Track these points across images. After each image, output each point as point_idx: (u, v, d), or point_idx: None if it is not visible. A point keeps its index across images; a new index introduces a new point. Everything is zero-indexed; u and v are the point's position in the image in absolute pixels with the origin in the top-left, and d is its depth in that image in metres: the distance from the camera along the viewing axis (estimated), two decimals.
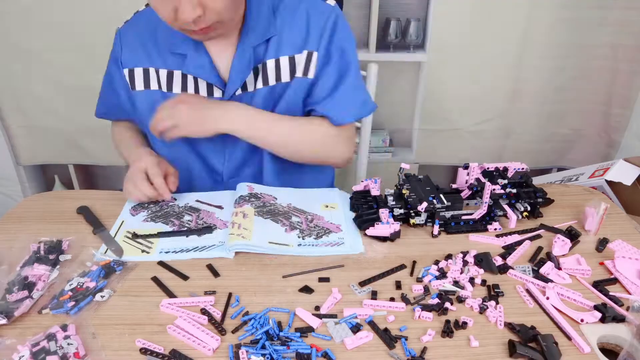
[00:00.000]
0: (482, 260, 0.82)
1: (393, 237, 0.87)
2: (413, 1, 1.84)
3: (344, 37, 0.98)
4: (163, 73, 0.99)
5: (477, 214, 0.89)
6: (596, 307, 0.72)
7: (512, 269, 0.80)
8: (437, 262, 0.82)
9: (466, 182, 0.95)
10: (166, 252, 0.83)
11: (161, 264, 0.81)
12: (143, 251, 0.84)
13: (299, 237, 0.87)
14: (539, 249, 0.85)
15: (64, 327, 0.66)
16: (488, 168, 0.96)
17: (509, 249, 0.85)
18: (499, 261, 0.82)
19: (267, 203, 0.96)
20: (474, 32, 1.78)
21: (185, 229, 0.89)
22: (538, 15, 1.74)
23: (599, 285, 0.77)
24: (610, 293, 0.75)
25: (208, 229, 0.89)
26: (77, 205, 0.96)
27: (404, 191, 0.91)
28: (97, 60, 1.76)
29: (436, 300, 0.73)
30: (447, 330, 0.68)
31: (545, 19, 1.74)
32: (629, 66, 1.78)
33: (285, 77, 0.98)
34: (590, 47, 1.79)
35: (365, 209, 0.92)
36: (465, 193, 0.94)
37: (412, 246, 0.86)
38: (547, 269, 0.79)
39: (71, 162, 2.02)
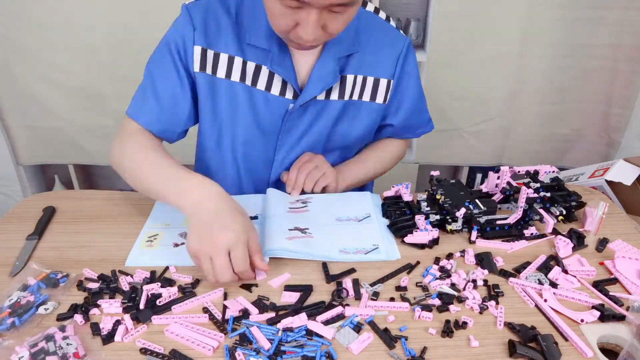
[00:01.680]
0: (483, 259, 0.82)
1: (431, 244, 0.86)
2: (413, 1, 1.84)
3: (414, 66, 1.06)
4: (238, 62, 0.94)
5: (512, 219, 0.88)
6: (595, 307, 0.72)
7: (517, 276, 0.80)
8: (437, 261, 0.82)
9: (496, 186, 0.94)
10: None
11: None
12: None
13: (338, 221, 0.90)
14: (549, 257, 0.84)
15: (62, 328, 0.66)
16: (519, 171, 0.96)
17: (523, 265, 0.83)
18: (499, 262, 0.82)
19: (303, 216, 0.92)
20: (474, 32, 1.78)
21: None
22: (538, 15, 1.74)
23: (599, 285, 0.77)
24: (610, 293, 0.75)
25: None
26: (77, 205, 0.97)
27: (438, 196, 0.90)
28: (97, 60, 1.78)
29: (436, 301, 0.73)
30: (447, 330, 0.68)
31: (545, 19, 1.74)
32: (629, 66, 1.78)
33: (359, 95, 1.02)
34: (590, 47, 1.79)
35: (398, 215, 0.91)
36: (497, 197, 0.94)
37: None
38: (555, 274, 0.79)
39: (71, 162, 2.02)
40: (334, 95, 0.98)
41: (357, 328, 0.68)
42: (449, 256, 0.83)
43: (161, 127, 0.95)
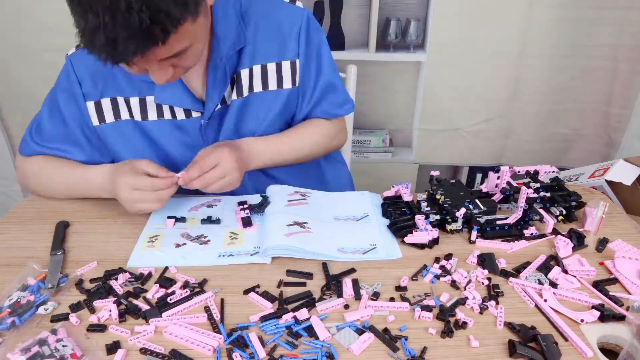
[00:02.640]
0: (485, 260, 0.82)
1: (431, 244, 0.86)
2: (413, 1, 1.84)
3: (318, 38, 0.99)
4: (135, 101, 0.92)
5: (512, 219, 0.88)
6: (595, 307, 0.72)
7: (517, 276, 0.80)
8: (437, 260, 0.82)
9: (496, 186, 0.94)
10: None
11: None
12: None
13: (336, 219, 0.89)
14: (549, 257, 0.84)
15: (54, 331, 0.65)
16: (519, 171, 0.96)
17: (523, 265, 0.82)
18: (502, 263, 0.82)
19: (300, 210, 0.92)
20: (474, 32, 1.78)
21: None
22: (538, 15, 1.74)
23: (599, 285, 0.77)
24: (610, 293, 0.75)
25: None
26: (77, 205, 0.96)
27: (438, 196, 0.90)
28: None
29: (435, 302, 0.73)
30: (447, 330, 0.68)
31: (545, 19, 1.74)
32: (629, 66, 1.78)
33: (257, 87, 0.96)
34: (590, 47, 1.79)
35: (398, 215, 0.91)
36: (497, 197, 0.94)
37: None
38: (555, 274, 0.79)
39: None
40: (233, 96, 0.95)
41: (360, 332, 0.68)
42: (448, 256, 0.83)
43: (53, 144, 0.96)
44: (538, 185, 0.92)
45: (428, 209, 0.90)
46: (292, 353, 0.64)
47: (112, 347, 0.64)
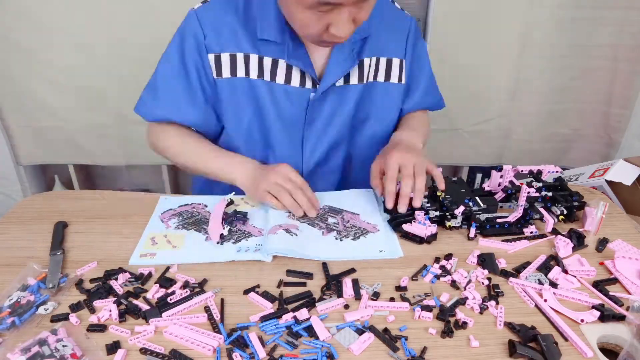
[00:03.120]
0: (485, 260, 0.82)
1: (429, 239, 0.86)
2: (413, 1, 1.84)
3: (421, 43, 1.10)
4: (254, 59, 0.95)
5: (513, 217, 0.89)
6: (595, 307, 0.72)
7: (517, 276, 0.80)
8: (437, 260, 0.82)
9: (499, 185, 0.94)
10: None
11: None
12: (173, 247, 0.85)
13: (336, 238, 0.87)
14: (549, 257, 0.84)
15: (54, 332, 0.65)
16: (522, 171, 0.96)
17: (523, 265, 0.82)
18: (502, 263, 0.82)
19: None
20: (474, 32, 1.78)
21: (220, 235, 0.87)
22: (538, 15, 1.74)
23: (599, 285, 0.77)
24: (610, 293, 0.75)
25: (242, 235, 0.88)
26: (77, 205, 0.96)
27: (439, 193, 0.91)
28: (97, 60, 1.77)
29: (435, 302, 0.73)
30: (447, 330, 0.68)
31: (545, 19, 1.74)
32: (629, 66, 1.78)
33: (380, 77, 1.03)
34: (590, 47, 1.79)
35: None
36: (499, 195, 0.94)
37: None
38: (555, 274, 0.79)
39: (71, 162, 2.02)
40: (354, 80, 1.00)
41: (360, 332, 0.68)
42: (448, 256, 0.83)
43: (178, 113, 1.00)
44: (540, 184, 0.92)
45: (428, 205, 0.91)
46: (292, 353, 0.64)
47: (112, 347, 0.64)
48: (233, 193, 0.95)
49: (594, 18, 1.73)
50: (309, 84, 0.97)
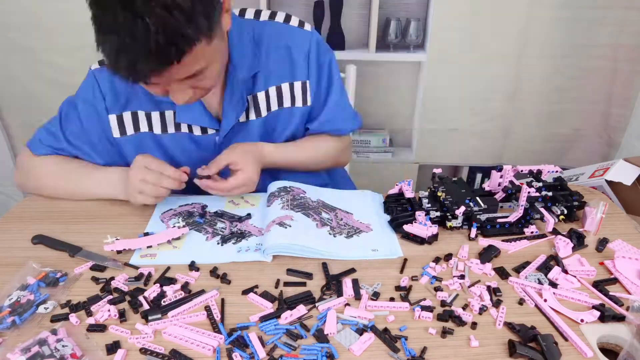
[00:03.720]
0: (484, 252, 0.82)
1: (430, 240, 0.86)
2: (413, 1, 1.84)
3: (325, 60, 1.03)
4: (156, 115, 0.97)
5: (513, 217, 0.89)
6: (595, 307, 0.72)
7: (517, 276, 0.80)
8: (437, 260, 0.82)
9: (499, 185, 0.94)
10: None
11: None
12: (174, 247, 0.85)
13: (329, 233, 0.87)
14: (549, 257, 0.84)
15: (54, 331, 0.65)
16: (522, 171, 0.96)
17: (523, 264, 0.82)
18: (500, 258, 0.82)
19: (296, 196, 0.95)
20: (474, 32, 1.78)
21: (220, 236, 0.88)
22: (538, 15, 1.74)
23: (599, 285, 0.77)
24: (610, 293, 0.75)
25: (241, 235, 0.88)
26: (77, 205, 0.96)
27: (439, 194, 0.91)
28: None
29: (435, 302, 0.73)
30: (447, 330, 0.68)
31: (545, 19, 1.74)
32: (629, 66, 1.78)
33: (274, 106, 1.01)
34: (590, 46, 1.79)
35: (400, 212, 0.91)
36: (500, 195, 0.94)
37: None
38: (555, 274, 0.79)
39: None
40: (252, 115, 1.00)
41: (360, 332, 0.68)
42: (448, 256, 0.83)
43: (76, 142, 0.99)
44: (541, 184, 0.92)
45: (429, 205, 0.91)
46: (292, 353, 0.64)
47: (112, 347, 0.64)
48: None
49: (594, 18, 1.73)
50: (210, 130, 0.98)
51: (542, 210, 0.90)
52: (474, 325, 0.69)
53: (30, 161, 1.01)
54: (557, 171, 0.97)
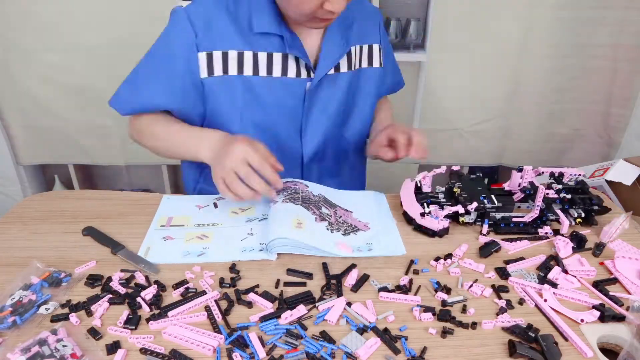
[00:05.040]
0: (484, 247, 0.83)
1: (441, 233, 0.87)
2: (413, 1, 1.84)
3: (384, 30, 1.15)
4: (248, 55, 0.95)
5: (528, 217, 0.89)
6: (595, 307, 0.72)
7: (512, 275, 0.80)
8: (437, 259, 0.82)
9: (519, 185, 0.95)
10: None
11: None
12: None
13: (327, 229, 0.88)
14: (549, 257, 0.84)
15: (54, 332, 0.65)
16: (542, 172, 0.96)
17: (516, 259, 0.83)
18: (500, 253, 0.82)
19: (298, 189, 0.95)
20: (474, 32, 1.78)
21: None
22: (538, 15, 1.74)
23: (599, 285, 0.77)
24: (610, 293, 0.75)
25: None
26: (77, 205, 0.96)
27: (455, 189, 0.92)
28: (97, 60, 1.77)
29: (435, 302, 0.73)
30: (447, 330, 0.67)
31: (545, 19, 1.74)
32: (629, 66, 1.78)
33: (364, 63, 1.08)
34: (590, 46, 1.79)
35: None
36: (518, 196, 0.94)
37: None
38: (555, 273, 0.79)
39: (71, 162, 2.02)
40: (343, 68, 1.03)
41: (361, 331, 0.68)
42: (449, 256, 0.83)
43: (153, 100, 0.98)
44: (560, 187, 0.92)
45: (444, 200, 0.93)
46: (292, 350, 0.64)
47: (112, 347, 0.64)
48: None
49: (594, 18, 1.73)
50: (304, 74, 0.99)
51: (558, 211, 0.91)
52: (474, 325, 0.69)
53: (131, 120, 1.04)
54: (579, 174, 0.97)
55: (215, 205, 0.96)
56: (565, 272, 0.80)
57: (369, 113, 1.13)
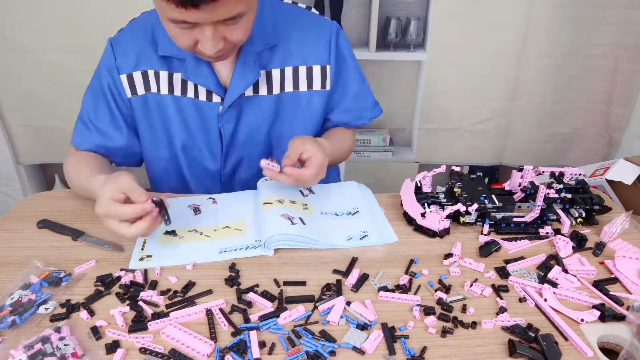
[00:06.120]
0: (484, 246, 0.83)
1: (442, 233, 0.87)
2: (413, 0, 1.84)
3: (345, 49, 1.05)
4: (164, 75, 0.98)
5: (529, 217, 0.89)
6: (595, 307, 0.72)
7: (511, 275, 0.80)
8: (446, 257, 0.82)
9: (519, 185, 0.95)
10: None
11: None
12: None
13: (321, 212, 0.90)
14: (549, 257, 0.83)
15: (57, 329, 0.65)
16: (543, 172, 0.96)
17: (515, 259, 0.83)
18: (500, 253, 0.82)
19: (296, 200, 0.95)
20: (474, 32, 1.78)
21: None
22: (538, 14, 1.73)
23: (599, 284, 0.77)
24: (611, 293, 0.75)
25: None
26: (77, 205, 0.96)
27: (455, 189, 0.92)
28: (97, 60, 1.77)
29: (435, 302, 0.73)
30: (448, 330, 0.67)
31: (545, 18, 1.74)
32: (630, 65, 1.77)
33: (289, 86, 1.01)
34: (591, 46, 1.79)
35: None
36: (518, 195, 0.94)
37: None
38: (555, 273, 0.79)
39: None
40: (262, 91, 1.00)
41: (362, 328, 0.68)
42: (449, 255, 0.83)
43: (106, 152, 1.02)
44: (561, 186, 0.92)
45: (445, 200, 0.92)
46: (291, 351, 0.64)
47: (112, 347, 0.64)
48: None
49: (594, 17, 1.73)
50: (217, 98, 0.98)
51: (559, 211, 0.90)
52: (473, 324, 0.69)
53: (70, 154, 1.02)
54: (580, 174, 0.97)
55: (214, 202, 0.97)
56: (566, 271, 0.80)
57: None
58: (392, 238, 0.86)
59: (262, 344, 0.65)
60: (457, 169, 0.99)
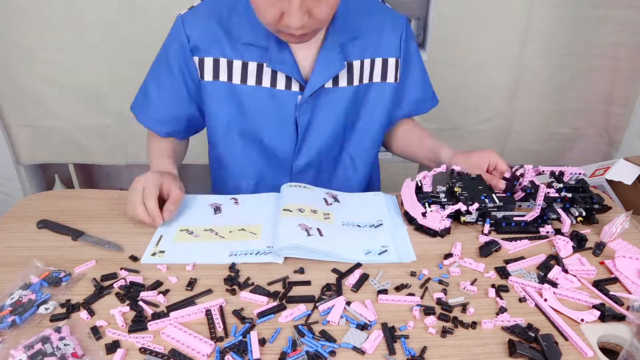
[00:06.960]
0: (483, 247, 0.83)
1: (443, 233, 0.87)
2: (413, 0, 1.84)
3: (414, 43, 1.08)
4: (237, 64, 0.97)
5: (530, 216, 0.89)
6: (595, 307, 0.72)
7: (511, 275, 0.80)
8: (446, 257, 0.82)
9: (519, 185, 0.95)
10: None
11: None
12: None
13: (343, 224, 0.90)
14: (549, 257, 0.83)
15: (58, 329, 0.66)
16: (543, 171, 0.96)
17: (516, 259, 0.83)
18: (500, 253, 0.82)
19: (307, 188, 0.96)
20: (474, 32, 1.78)
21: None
22: (538, 14, 1.74)
23: (599, 284, 0.77)
24: (611, 292, 0.75)
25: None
26: (77, 205, 0.97)
27: (456, 189, 0.92)
28: (96, 59, 1.77)
29: (435, 302, 0.73)
30: (448, 330, 0.67)
31: (545, 18, 1.74)
32: (630, 65, 1.78)
33: (369, 78, 1.03)
34: (591, 46, 1.79)
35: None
36: (519, 195, 0.94)
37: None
38: (555, 273, 0.79)
39: (71, 161, 2.02)
40: (342, 82, 1.00)
41: (361, 328, 0.68)
42: (449, 255, 0.83)
43: (157, 127, 1.05)
44: (561, 185, 0.92)
45: (445, 200, 0.92)
46: (293, 352, 0.64)
47: (112, 347, 0.64)
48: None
49: (594, 17, 1.73)
50: (295, 87, 0.98)
51: (560, 210, 0.91)
52: (473, 324, 0.69)
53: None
54: (579, 173, 0.97)
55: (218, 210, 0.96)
56: (566, 271, 0.80)
57: (376, 130, 1.09)
58: (410, 257, 0.83)
59: (261, 342, 0.65)
60: (458, 168, 0.99)
